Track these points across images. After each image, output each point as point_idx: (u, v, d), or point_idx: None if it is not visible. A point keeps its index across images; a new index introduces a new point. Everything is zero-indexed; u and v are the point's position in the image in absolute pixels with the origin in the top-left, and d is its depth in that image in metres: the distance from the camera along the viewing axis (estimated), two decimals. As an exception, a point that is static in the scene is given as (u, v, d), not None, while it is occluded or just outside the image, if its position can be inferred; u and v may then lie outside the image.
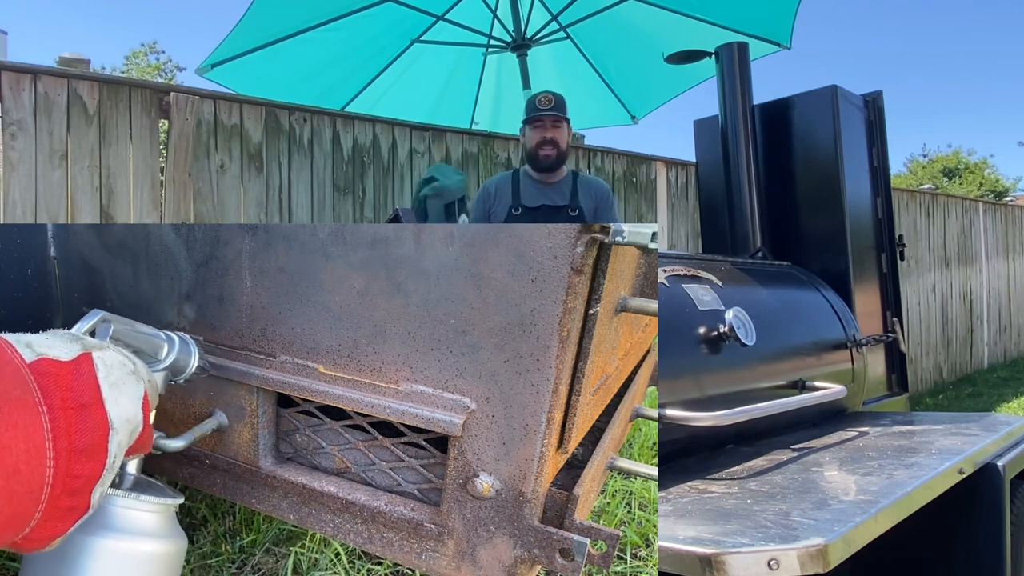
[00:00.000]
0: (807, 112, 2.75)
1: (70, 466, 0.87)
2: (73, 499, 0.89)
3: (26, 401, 0.83)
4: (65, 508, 0.88)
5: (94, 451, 0.90)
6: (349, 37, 3.86)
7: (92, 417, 0.90)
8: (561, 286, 1.08)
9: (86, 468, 0.89)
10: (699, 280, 1.94)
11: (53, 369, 0.89)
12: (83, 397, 0.90)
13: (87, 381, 0.92)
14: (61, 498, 0.87)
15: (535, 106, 2.66)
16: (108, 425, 0.93)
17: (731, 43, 2.81)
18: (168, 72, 20.86)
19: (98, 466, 0.91)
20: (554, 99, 2.65)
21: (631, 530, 2.18)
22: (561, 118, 2.64)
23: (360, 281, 1.23)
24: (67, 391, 0.88)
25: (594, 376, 1.29)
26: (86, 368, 0.92)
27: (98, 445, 0.91)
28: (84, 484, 0.90)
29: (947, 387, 6.94)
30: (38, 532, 0.87)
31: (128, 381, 0.98)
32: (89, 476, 0.90)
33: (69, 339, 0.96)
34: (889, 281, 2.88)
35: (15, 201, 2.64)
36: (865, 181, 2.84)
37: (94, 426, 0.90)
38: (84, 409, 0.90)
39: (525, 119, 2.70)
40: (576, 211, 2.63)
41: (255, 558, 1.98)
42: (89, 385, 0.92)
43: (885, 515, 1.26)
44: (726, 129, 2.76)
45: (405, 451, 1.36)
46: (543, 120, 2.64)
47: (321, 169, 3.36)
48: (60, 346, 0.93)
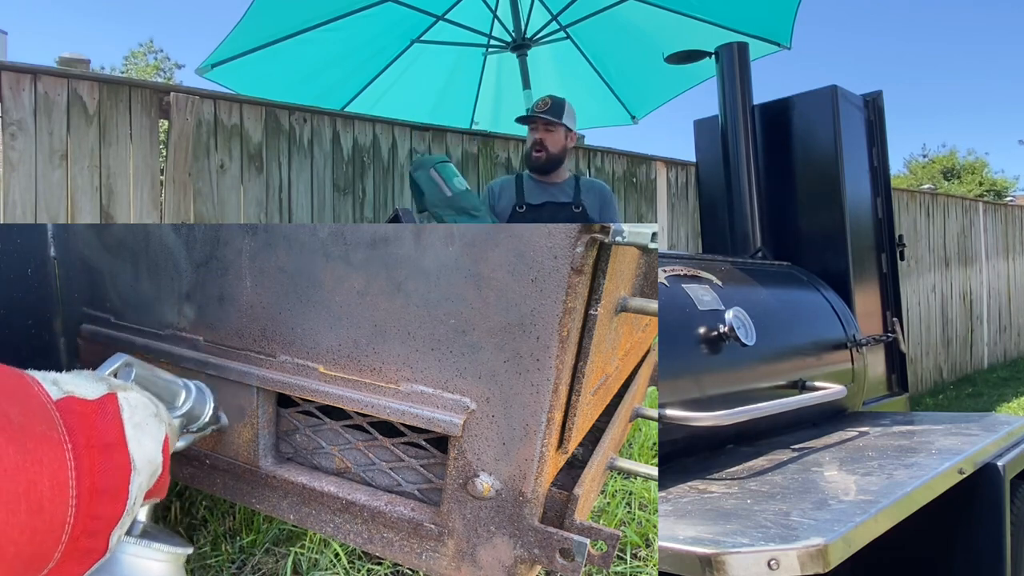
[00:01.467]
0: (807, 112, 2.75)
1: (91, 506, 0.86)
2: (92, 541, 0.87)
3: (51, 438, 0.82)
4: (83, 550, 0.87)
5: (116, 492, 0.89)
6: (349, 37, 3.86)
7: (115, 458, 0.90)
8: (561, 286, 1.08)
9: (107, 509, 0.88)
10: (699, 280, 1.94)
11: (79, 408, 0.88)
12: (107, 437, 0.90)
13: (112, 421, 0.91)
14: (80, 539, 0.85)
15: (532, 108, 2.69)
16: (130, 466, 0.92)
17: (731, 43, 2.81)
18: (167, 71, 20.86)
19: (119, 508, 0.90)
20: (551, 103, 2.67)
21: (631, 530, 2.18)
22: (552, 122, 2.65)
23: (360, 281, 1.23)
24: (92, 430, 0.88)
25: (594, 376, 1.29)
26: (111, 408, 0.92)
27: (120, 487, 0.90)
28: (104, 526, 0.88)
29: (947, 387, 6.94)
30: (57, 573, 0.85)
31: (151, 423, 0.98)
32: (109, 518, 0.89)
33: (95, 379, 0.95)
34: (889, 281, 2.88)
35: (15, 201, 2.64)
36: (865, 181, 2.84)
37: (117, 467, 0.90)
38: (108, 449, 0.89)
39: (519, 118, 2.74)
40: (580, 208, 2.64)
41: (255, 558, 1.98)
42: (114, 425, 0.91)
43: (885, 515, 1.26)
44: (726, 129, 2.76)
45: (405, 451, 1.36)
46: (536, 122, 2.66)
47: (321, 169, 3.36)
48: (86, 385, 0.92)
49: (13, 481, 0.74)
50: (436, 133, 3.77)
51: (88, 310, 1.59)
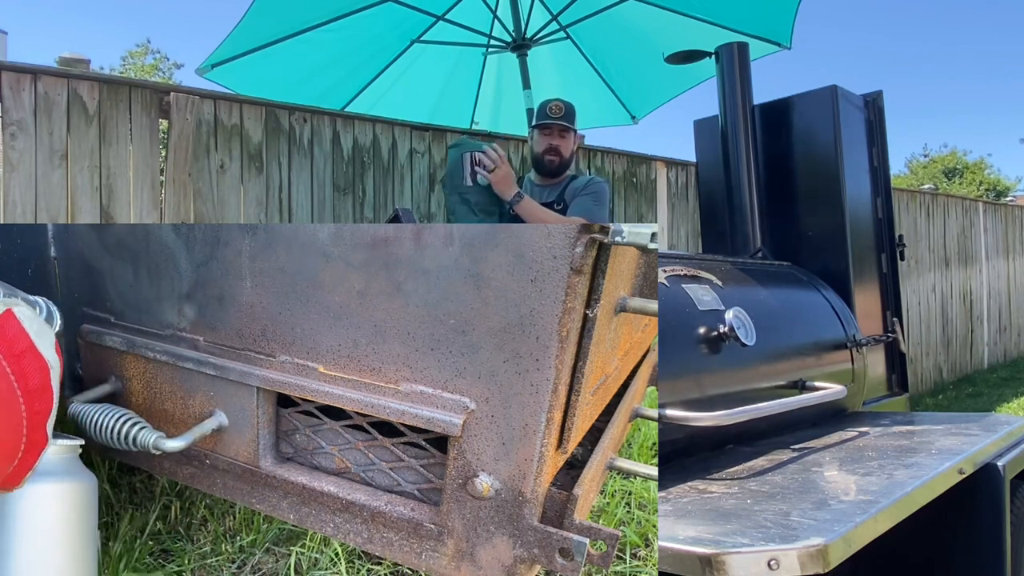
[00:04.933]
0: (807, 112, 2.75)
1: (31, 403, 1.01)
2: (38, 433, 1.03)
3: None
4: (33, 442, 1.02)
5: (44, 389, 1.04)
6: (349, 37, 3.85)
7: (34, 360, 1.04)
8: (561, 286, 1.08)
9: (42, 404, 1.03)
10: (699, 280, 1.94)
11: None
12: (21, 345, 1.04)
13: (19, 331, 1.05)
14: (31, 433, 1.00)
15: (546, 113, 2.69)
16: (48, 366, 1.06)
17: (731, 43, 2.81)
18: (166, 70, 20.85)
19: (49, 401, 1.06)
20: (564, 108, 2.69)
21: (631, 530, 2.18)
22: (568, 128, 2.67)
23: (360, 281, 1.23)
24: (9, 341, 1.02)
25: (594, 376, 1.29)
26: (13, 321, 1.06)
27: (45, 383, 1.05)
28: (42, 419, 1.04)
29: (947, 387, 6.94)
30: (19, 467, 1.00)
31: (45, 329, 1.12)
32: (45, 411, 1.04)
33: None
34: (889, 281, 2.88)
35: (15, 201, 2.64)
36: (865, 181, 2.84)
37: (39, 368, 1.04)
38: (25, 354, 1.03)
39: (535, 124, 2.73)
40: (561, 205, 2.65)
41: (255, 558, 1.98)
42: (22, 335, 1.05)
43: (885, 515, 1.26)
44: (726, 129, 2.76)
45: (405, 451, 1.36)
46: (551, 128, 2.67)
47: (321, 169, 3.36)
48: None
49: None
50: (436, 133, 3.77)
51: (88, 310, 1.59)
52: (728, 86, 2.75)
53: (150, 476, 2.24)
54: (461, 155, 2.56)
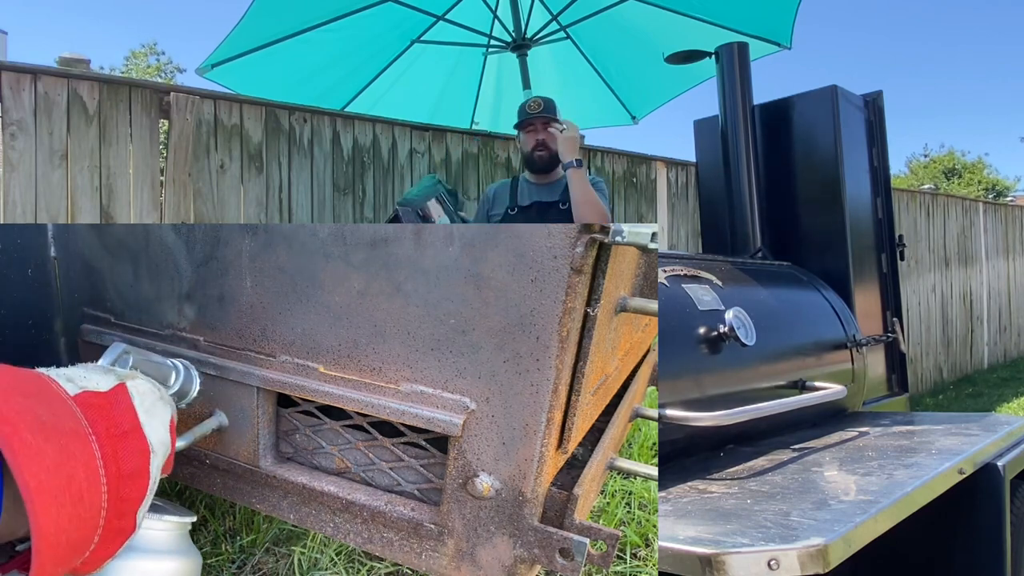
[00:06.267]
0: (807, 112, 2.75)
1: (120, 490, 0.93)
2: (123, 521, 0.95)
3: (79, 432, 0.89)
4: (116, 529, 0.94)
5: (139, 474, 0.97)
6: (349, 37, 3.85)
7: (135, 443, 0.97)
8: (561, 286, 1.08)
9: (133, 491, 0.96)
10: (699, 280, 1.94)
11: (95, 401, 0.95)
12: (124, 425, 0.97)
13: (126, 410, 0.99)
14: (113, 521, 0.93)
15: (526, 111, 2.73)
16: (149, 449, 0.99)
17: (731, 43, 2.81)
18: (168, 73, 20.87)
19: (143, 488, 0.98)
20: (543, 103, 2.72)
21: (631, 530, 2.18)
22: (551, 119, 2.69)
23: (360, 281, 1.23)
24: (110, 420, 0.95)
25: (594, 376, 1.29)
26: (123, 398, 0.99)
27: (142, 469, 0.98)
28: (131, 506, 0.96)
29: (947, 387, 6.94)
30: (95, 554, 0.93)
31: (159, 406, 1.05)
32: (136, 499, 0.97)
33: (102, 371, 1.02)
34: (889, 281, 2.88)
35: (15, 201, 2.64)
36: (865, 181, 2.84)
37: (137, 451, 0.97)
38: (126, 436, 0.96)
39: (518, 124, 2.76)
40: (565, 204, 2.66)
41: (255, 558, 1.98)
42: (128, 413, 0.99)
43: (885, 515, 1.26)
44: (726, 129, 2.76)
45: (405, 451, 1.36)
46: (535, 123, 2.70)
47: (321, 169, 3.36)
48: (96, 378, 0.99)
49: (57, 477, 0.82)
50: (436, 133, 3.77)
51: (88, 310, 1.59)
52: (728, 86, 2.75)
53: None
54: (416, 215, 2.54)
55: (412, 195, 2.62)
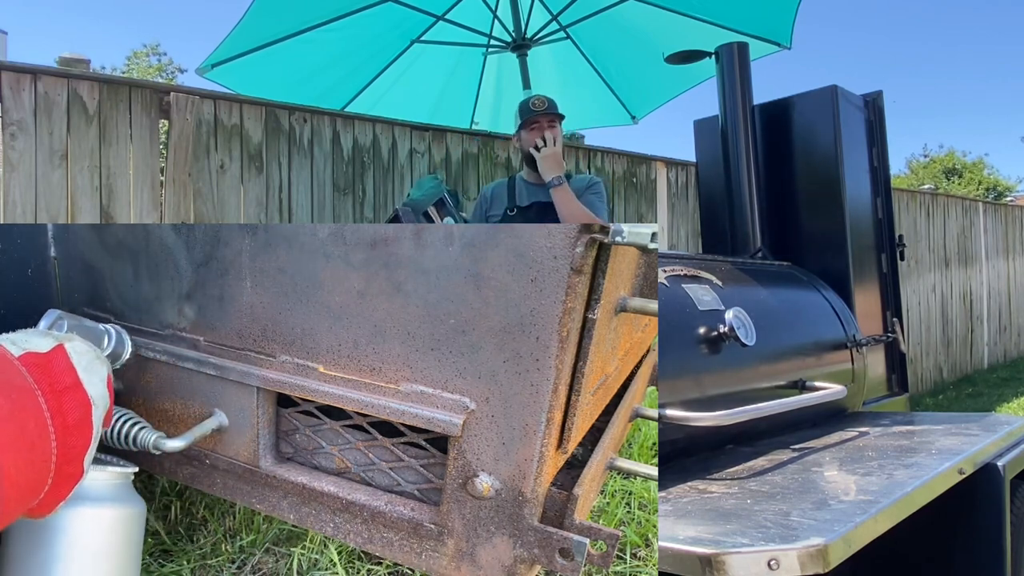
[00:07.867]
0: (807, 112, 2.75)
1: (66, 439, 1.03)
2: (71, 467, 1.05)
3: (26, 388, 0.99)
4: (66, 475, 1.04)
5: (83, 424, 1.07)
6: (349, 37, 3.85)
7: (77, 397, 1.07)
8: (561, 286, 1.08)
9: (79, 440, 1.06)
10: (699, 280, 1.94)
11: (37, 360, 1.04)
12: (66, 381, 1.06)
13: (66, 368, 1.08)
14: (63, 467, 1.03)
15: (530, 108, 2.69)
16: (91, 402, 1.09)
17: (731, 43, 2.81)
18: (169, 73, 20.89)
19: (87, 437, 1.08)
20: (547, 101, 2.70)
21: (631, 530, 2.17)
22: (556, 116, 2.67)
23: (360, 281, 1.23)
24: (53, 377, 1.05)
25: (594, 376, 1.29)
26: (62, 357, 1.08)
27: (85, 419, 1.07)
28: (78, 452, 1.06)
29: (947, 387, 6.94)
30: (48, 497, 1.03)
31: (96, 364, 1.14)
32: (82, 446, 1.07)
33: (42, 334, 1.12)
34: (889, 281, 2.88)
35: (15, 201, 2.64)
36: (865, 181, 2.84)
37: (80, 404, 1.07)
38: (69, 391, 1.06)
39: (521, 123, 2.71)
40: None
41: (255, 558, 1.98)
42: (69, 371, 1.08)
43: (885, 515, 1.26)
44: (726, 129, 2.76)
45: (405, 451, 1.36)
46: (539, 121, 2.66)
47: (321, 169, 3.36)
48: (37, 340, 1.08)
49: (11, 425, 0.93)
50: (436, 133, 3.77)
51: (88, 310, 1.59)
52: (728, 86, 2.75)
53: (150, 476, 2.24)
54: (422, 216, 2.53)
55: (416, 197, 2.62)
